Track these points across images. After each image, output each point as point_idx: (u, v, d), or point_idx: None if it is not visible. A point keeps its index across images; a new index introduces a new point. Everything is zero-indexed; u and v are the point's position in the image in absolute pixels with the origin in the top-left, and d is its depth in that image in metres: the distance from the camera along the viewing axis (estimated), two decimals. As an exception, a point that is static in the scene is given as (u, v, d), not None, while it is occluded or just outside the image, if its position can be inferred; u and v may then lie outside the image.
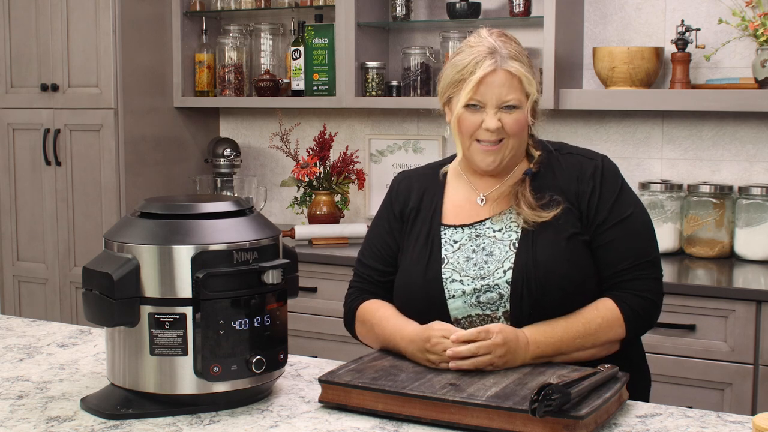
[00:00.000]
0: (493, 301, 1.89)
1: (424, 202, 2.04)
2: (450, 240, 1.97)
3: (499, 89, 1.90)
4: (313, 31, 3.83)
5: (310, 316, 3.44)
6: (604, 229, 1.91)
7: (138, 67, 3.91)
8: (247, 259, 1.64)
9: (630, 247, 1.91)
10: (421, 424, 1.60)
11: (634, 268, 1.90)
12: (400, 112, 3.95)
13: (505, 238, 1.93)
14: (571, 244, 1.89)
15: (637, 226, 1.94)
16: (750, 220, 3.19)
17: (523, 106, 1.92)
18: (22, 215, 4.11)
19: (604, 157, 2.00)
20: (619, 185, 1.96)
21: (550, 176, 1.97)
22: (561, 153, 2.01)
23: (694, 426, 1.59)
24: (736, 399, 2.78)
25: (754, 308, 2.75)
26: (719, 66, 3.35)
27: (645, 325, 1.93)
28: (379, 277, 2.03)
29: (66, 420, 1.63)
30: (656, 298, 1.93)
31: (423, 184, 2.08)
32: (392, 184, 2.15)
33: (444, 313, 1.90)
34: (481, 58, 1.91)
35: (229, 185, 4.05)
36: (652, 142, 3.49)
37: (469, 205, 2.01)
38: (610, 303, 1.88)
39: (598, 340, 1.85)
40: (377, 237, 2.08)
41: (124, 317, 1.61)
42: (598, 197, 1.93)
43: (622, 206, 1.94)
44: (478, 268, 1.91)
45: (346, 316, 2.06)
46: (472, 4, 3.58)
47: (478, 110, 1.92)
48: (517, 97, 1.91)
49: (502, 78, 1.90)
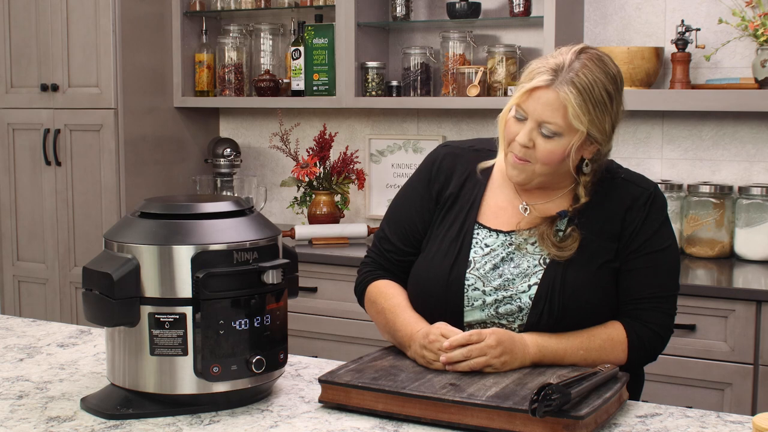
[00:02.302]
0: (511, 313, 1.85)
1: (465, 189, 1.96)
2: (482, 243, 1.91)
3: (543, 107, 1.78)
4: (313, 31, 3.83)
5: (310, 316, 3.44)
6: (636, 256, 1.86)
7: (138, 67, 3.91)
8: (247, 259, 1.64)
9: (654, 281, 1.87)
10: (421, 424, 1.60)
11: (652, 299, 1.86)
12: (400, 112, 3.95)
13: (536, 252, 1.88)
14: (601, 271, 1.85)
15: (666, 262, 1.89)
16: (750, 220, 3.19)
17: (565, 136, 1.79)
18: (22, 215, 4.11)
19: (656, 186, 1.93)
20: (663, 218, 1.90)
21: (598, 205, 1.88)
22: (613, 176, 1.91)
23: (694, 426, 1.59)
24: (736, 399, 2.78)
25: (754, 308, 2.75)
26: (719, 66, 3.35)
27: (647, 356, 1.89)
28: (399, 256, 1.98)
29: (66, 420, 1.63)
30: (665, 333, 1.89)
31: (468, 167, 1.97)
32: (435, 156, 2.02)
33: (458, 320, 1.87)
34: (544, 70, 1.79)
35: (229, 185, 4.05)
36: (652, 142, 3.49)
37: (512, 209, 1.93)
38: (619, 326, 1.86)
39: (599, 357, 1.81)
40: (406, 213, 1.99)
41: (124, 317, 1.61)
42: (641, 225, 1.87)
43: (660, 238, 1.88)
44: (503, 279, 1.87)
45: (357, 287, 2.02)
46: (472, 4, 3.58)
47: (522, 122, 1.82)
48: (558, 123, 1.78)
49: (550, 98, 1.77)
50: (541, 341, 1.79)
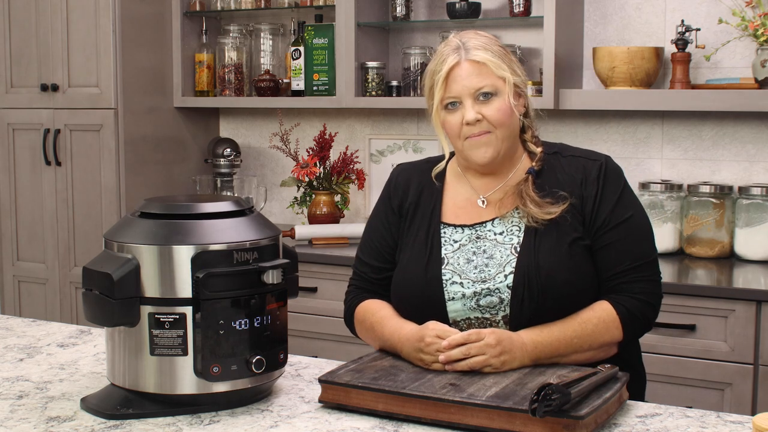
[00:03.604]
0: (493, 305, 1.88)
1: (423, 197, 2.03)
2: (450, 240, 1.96)
3: (468, 79, 1.89)
4: (313, 31, 3.83)
5: (310, 316, 3.44)
6: (604, 231, 1.90)
7: (138, 67, 3.91)
8: (247, 259, 1.64)
9: (628, 250, 1.89)
10: (421, 424, 1.60)
11: (632, 270, 1.89)
12: (400, 112, 3.95)
13: (506, 242, 1.92)
14: (572, 249, 1.88)
15: (636, 229, 1.92)
16: (750, 220, 3.19)
17: (500, 93, 1.90)
18: (22, 215, 4.11)
19: (608, 157, 1.98)
20: (621, 187, 1.94)
21: (553, 178, 1.94)
22: (563, 155, 1.98)
23: (694, 426, 1.59)
24: (736, 399, 2.78)
25: (754, 308, 2.75)
26: (719, 66, 3.35)
27: (642, 327, 1.91)
28: (375, 274, 2.03)
29: (66, 420, 1.63)
30: (653, 299, 1.91)
31: (422, 178, 2.06)
32: (390, 176, 2.13)
33: (442, 315, 1.89)
34: (447, 55, 1.91)
35: (229, 185, 4.05)
36: (652, 142, 3.49)
37: (470, 206, 1.99)
38: (607, 305, 1.87)
39: (594, 341, 1.84)
40: (375, 232, 2.07)
41: (124, 317, 1.61)
42: (600, 199, 1.91)
43: (623, 208, 1.92)
44: (479, 271, 1.90)
45: (346, 314, 2.06)
46: (472, 4, 3.58)
47: (458, 108, 1.91)
48: (489, 83, 1.89)
49: (468, 69, 1.89)
50: (535, 337, 1.80)
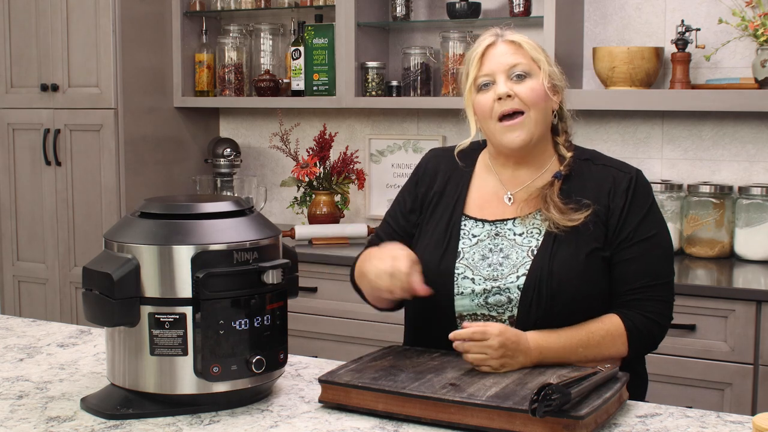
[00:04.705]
0: (501, 304, 1.87)
1: (449, 187, 2.02)
2: (469, 234, 1.95)
3: (503, 56, 1.89)
4: (313, 31, 3.83)
5: (310, 316, 3.44)
6: (626, 246, 1.88)
7: (138, 67, 3.91)
8: (247, 259, 1.64)
9: (647, 268, 1.87)
10: (421, 424, 1.60)
11: (648, 288, 1.87)
12: (400, 112, 3.95)
13: (524, 243, 1.90)
14: (589, 260, 1.86)
15: (658, 247, 1.90)
16: (750, 220, 3.19)
17: (534, 75, 1.89)
18: (22, 215, 4.11)
19: (639, 171, 1.95)
20: (649, 203, 1.92)
21: (581, 185, 1.92)
22: (594, 163, 1.95)
23: (694, 426, 1.59)
24: (736, 399, 2.78)
25: (754, 308, 2.75)
26: (719, 66, 3.35)
27: (647, 345, 1.90)
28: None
29: (66, 420, 1.63)
30: (663, 321, 1.90)
31: (451, 167, 2.04)
32: (421, 161, 2.12)
33: (449, 308, 1.90)
34: (486, 37, 1.93)
35: (229, 185, 4.05)
36: (652, 142, 3.49)
37: (496, 200, 1.97)
38: (616, 319, 1.86)
39: (600, 353, 1.82)
40: (395, 213, 2.08)
41: (124, 317, 1.61)
42: (627, 213, 1.88)
43: (649, 225, 1.89)
44: (492, 269, 1.89)
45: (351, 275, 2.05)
46: (472, 4, 3.58)
47: (490, 88, 1.90)
48: (525, 62, 1.89)
49: (503, 48, 1.90)
50: (542, 342, 1.79)
